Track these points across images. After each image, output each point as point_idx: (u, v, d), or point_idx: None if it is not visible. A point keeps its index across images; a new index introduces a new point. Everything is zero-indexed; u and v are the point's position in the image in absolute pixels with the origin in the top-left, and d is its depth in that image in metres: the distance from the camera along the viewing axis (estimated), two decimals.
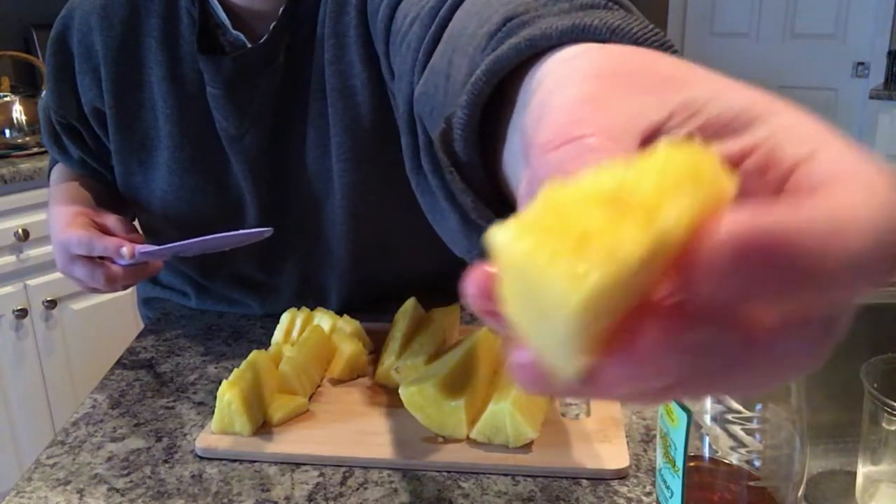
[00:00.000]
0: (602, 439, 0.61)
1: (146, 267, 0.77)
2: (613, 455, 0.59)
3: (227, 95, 0.78)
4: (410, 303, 0.80)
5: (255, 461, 0.61)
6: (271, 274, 0.87)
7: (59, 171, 0.94)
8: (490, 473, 0.59)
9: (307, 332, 0.75)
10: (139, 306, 1.04)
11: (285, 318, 0.78)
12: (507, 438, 0.60)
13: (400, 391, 0.62)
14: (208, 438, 0.62)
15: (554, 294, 0.17)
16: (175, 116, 0.80)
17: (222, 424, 0.63)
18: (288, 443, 0.62)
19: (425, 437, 0.62)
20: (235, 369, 0.65)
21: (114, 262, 0.75)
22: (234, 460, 0.61)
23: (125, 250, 0.73)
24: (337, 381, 0.72)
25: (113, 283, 0.75)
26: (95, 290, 0.80)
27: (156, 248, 0.73)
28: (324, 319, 0.78)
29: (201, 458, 0.61)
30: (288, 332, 0.77)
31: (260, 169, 0.81)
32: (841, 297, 0.18)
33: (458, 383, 0.63)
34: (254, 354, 0.68)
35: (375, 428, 0.64)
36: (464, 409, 0.61)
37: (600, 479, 0.58)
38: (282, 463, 0.60)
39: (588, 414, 0.66)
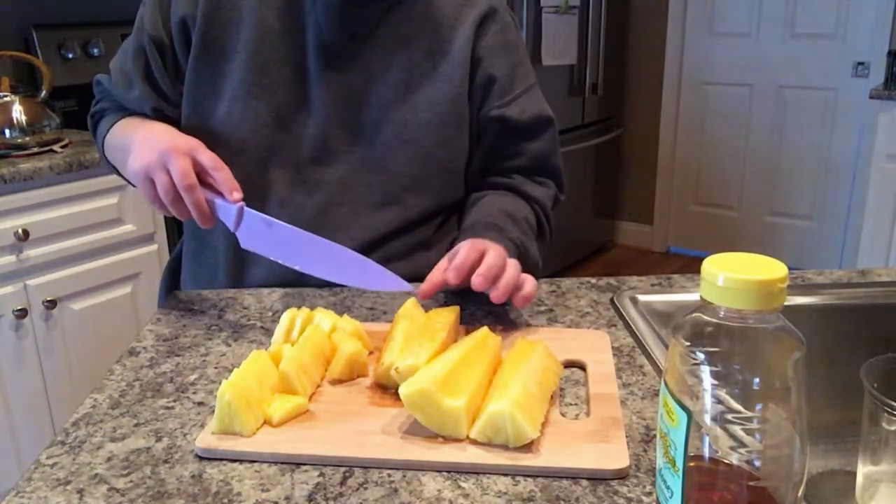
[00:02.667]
0: (602, 439, 0.61)
1: (208, 216, 0.83)
2: (613, 455, 0.59)
3: (343, 5, 0.94)
4: (410, 302, 0.80)
5: (254, 461, 0.61)
6: (308, 180, 0.98)
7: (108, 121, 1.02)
8: (490, 473, 0.59)
9: (307, 331, 0.75)
10: (162, 289, 1.13)
11: (285, 317, 0.78)
12: (507, 438, 0.60)
13: (400, 391, 0.62)
14: (208, 439, 0.62)
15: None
16: (258, 27, 0.95)
17: (222, 425, 0.63)
18: (288, 443, 0.62)
19: (425, 437, 0.62)
20: (235, 369, 0.65)
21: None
22: (234, 460, 0.61)
23: (237, 194, 0.83)
24: (337, 381, 0.72)
25: (191, 192, 0.81)
26: (154, 197, 0.84)
27: (261, 215, 0.83)
28: (324, 319, 0.78)
29: (201, 458, 0.61)
30: (288, 332, 0.77)
31: (336, 80, 0.96)
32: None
33: (458, 383, 0.63)
34: (254, 354, 0.68)
35: (375, 428, 0.64)
36: (464, 410, 0.61)
37: (600, 479, 0.58)
38: (282, 463, 0.60)
39: (588, 414, 0.66)
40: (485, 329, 0.73)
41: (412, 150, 0.99)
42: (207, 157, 0.84)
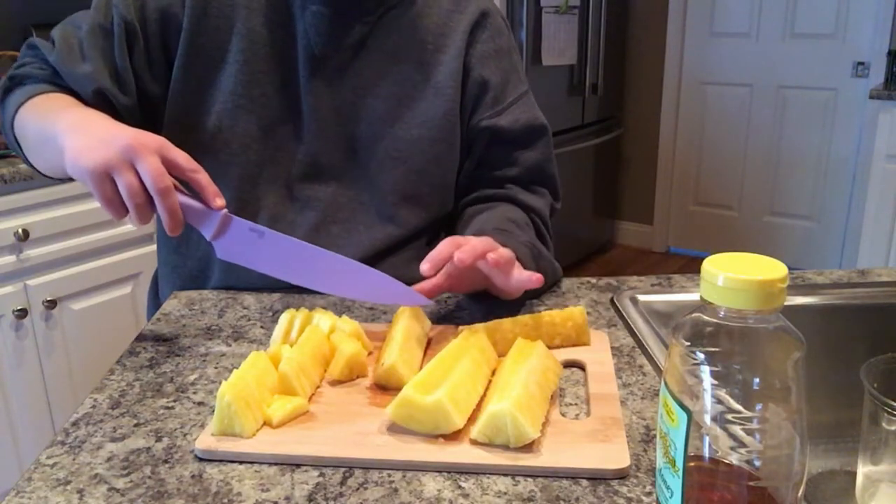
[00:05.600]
0: (602, 439, 0.61)
1: (181, 222, 0.74)
2: (614, 455, 0.59)
3: (332, 17, 0.92)
4: None
5: (255, 462, 0.61)
6: (299, 198, 0.96)
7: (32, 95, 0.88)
8: (491, 474, 0.59)
9: (306, 332, 0.75)
10: (151, 296, 1.10)
11: (284, 318, 0.78)
12: (508, 439, 0.60)
13: (387, 411, 0.62)
14: (207, 440, 0.62)
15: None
16: (248, 36, 0.92)
17: (222, 426, 0.62)
18: (288, 444, 0.62)
19: (425, 438, 0.62)
20: (235, 370, 0.65)
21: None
22: (235, 461, 0.61)
23: (220, 200, 0.75)
24: (336, 382, 0.72)
25: (167, 196, 0.72)
26: (112, 199, 0.74)
27: (250, 223, 0.77)
28: (323, 320, 0.78)
29: (201, 459, 0.61)
30: (286, 333, 0.77)
31: (326, 94, 0.94)
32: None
33: (436, 380, 0.63)
34: (253, 355, 0.68)
35: (375, 428, 0.64)
36: (446, 399, 0.61)
37: (601, 478, 0.58)
38: (282, 464, 0.60)
39: (588, 414, 0.66)
40: (466, 331, 0.74)
41: (404, 167, 0.96)
42: (183, 158, 0.75)
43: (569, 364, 0.76)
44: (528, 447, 0.60)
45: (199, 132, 0.94)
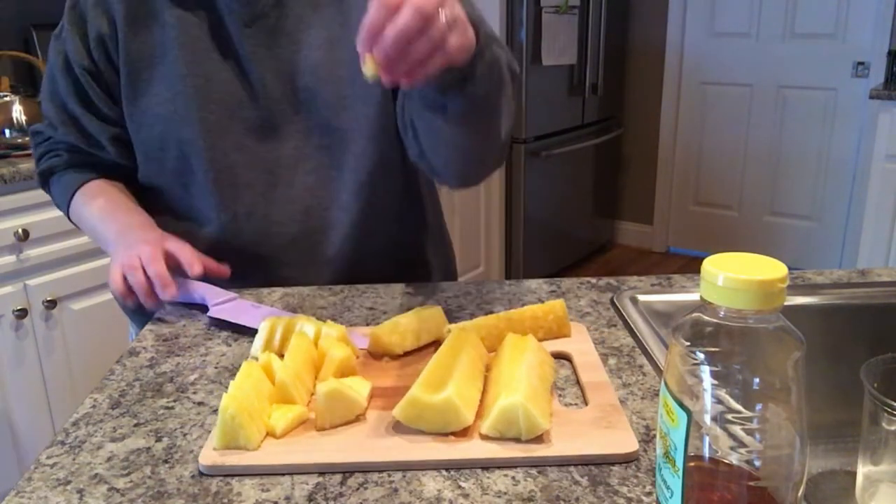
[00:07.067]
0: (607, 426, 0.63)
1: (168, 299, 0.90)
2: (621, 440, 0.61)
3: None
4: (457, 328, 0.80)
5: (266, 474, 0.60)
6: (267, 158, 0.99)
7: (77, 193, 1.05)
8: (505, 467, 0.59)
9: (294, 339, 0.73)
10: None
11: (265, 326, 0.78)
12: (519, 431, 0.60)
13: (394, 413, 0.62)
14: (211, 455, 0.60)
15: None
16: (178, 25, 0.95)
17: (226, 440, 0.61)
18: (297, 453, 0.61)
19: (435, 437, 0.62)
20: (232, 381, 0.64)
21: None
22: (245, 475, 0.60)
23: (198, 268, 0.91)
24: None
25: (166, 291, 0.89)
26: (124, 286, 0.93)
27: (210, 286, 0.94)
28: (307, 326, 0.78)
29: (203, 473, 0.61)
30: (269, 341, 0.77)
31: (265, 56, 0.96)
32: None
33: (441, 378, 0.63)
34: (246, 366, 0.67)
35: (383, 430, 0.63)
36: (455, 397, 0.61)
37: (611, 463, 0.59)
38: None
39: (586, 403, 0.67)
40: (455, 329, 0.75)
41: (358, 104, 0.97)
42: (180, 254, 0.92)
43: (555, 356, 0.76)
44: (539, 438, 0.61)
45: (159, 123, 0.97)
